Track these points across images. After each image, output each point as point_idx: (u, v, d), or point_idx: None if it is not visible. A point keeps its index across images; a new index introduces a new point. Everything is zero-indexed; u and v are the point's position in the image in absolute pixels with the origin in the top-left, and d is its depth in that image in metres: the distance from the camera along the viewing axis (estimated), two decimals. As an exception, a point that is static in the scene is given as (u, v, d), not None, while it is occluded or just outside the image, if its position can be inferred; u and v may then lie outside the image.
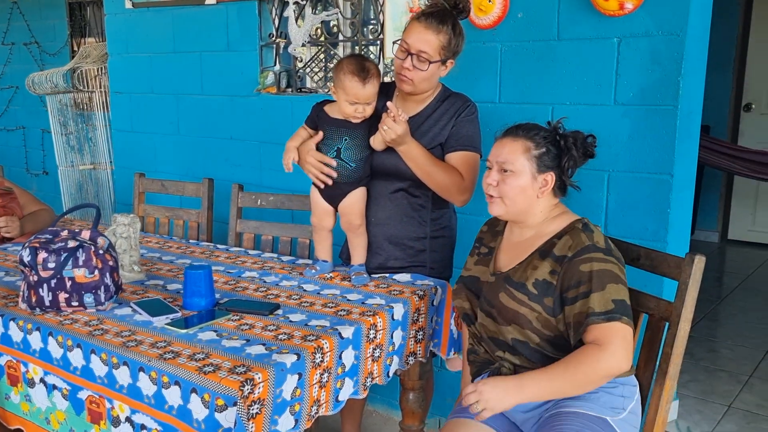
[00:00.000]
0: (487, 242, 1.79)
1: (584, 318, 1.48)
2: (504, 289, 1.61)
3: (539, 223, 1.65)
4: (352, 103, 1.89)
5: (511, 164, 1.61)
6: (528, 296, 1.57)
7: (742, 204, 5.56)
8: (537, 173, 1.61)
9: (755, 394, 2.96)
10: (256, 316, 1.72)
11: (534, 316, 1.56)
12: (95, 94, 4.23)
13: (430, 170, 1.94)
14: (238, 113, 3.17)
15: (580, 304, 1.50)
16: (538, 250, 1.61)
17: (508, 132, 1.66)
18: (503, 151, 1.63)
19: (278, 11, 3.04)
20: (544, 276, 1.57)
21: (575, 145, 1.61)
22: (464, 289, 1.75)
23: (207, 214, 2.78)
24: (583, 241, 1.55)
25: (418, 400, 2.06)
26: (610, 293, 1.49)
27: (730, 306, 4.13)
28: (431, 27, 1.88)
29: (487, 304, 1.65)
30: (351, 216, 2.01)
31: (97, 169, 4.43)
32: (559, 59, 2.25)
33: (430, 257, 2.09)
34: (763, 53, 5.31)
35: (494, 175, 1.64)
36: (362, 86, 1.86)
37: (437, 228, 2.09)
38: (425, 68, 1.90)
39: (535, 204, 1.63)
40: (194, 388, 1.38)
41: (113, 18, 3.63)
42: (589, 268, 1.51)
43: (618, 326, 1.47)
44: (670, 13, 2.02)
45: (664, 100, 2.06)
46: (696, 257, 1.57)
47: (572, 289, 1.52)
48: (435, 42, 1.88)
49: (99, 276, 1.74)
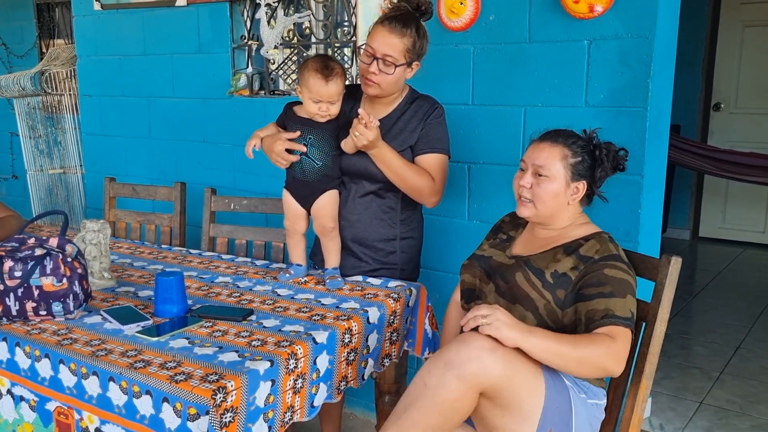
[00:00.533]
0: (507, 230, 1.83)
1: (603, 316, 1.50)
2: (522, 270, 1.64)
3: (563, 228, 1.69)
4: (316, 101, 1.90)
5: (548, 169, 1.63)
6: (543, 283, 1.60)
7: (712, 202, 5.66)
8: (571, 181, 1.64)
9: (726, 390, 3.01)
10: (229, 323, 1.70)
11: (542, 303, 1.58)
12: (64, 96, 4.16)
13: (402, 173, 1.96)
14: (211, 116, 3.14)
15: (599, 302, 1.51)
16: (563, 246, 1.64)
17: (547, 136, 1.69)
18: (541, 155, 1.65)
19: (250, 13, 3.01)
20: (564, 270, 1.59)
21: (607, 156, 1.65)
22: (476, 265, 1.77)
23: (179, 218, 2.75)
24: (610, 249, 1.59)
25: (394, 402, 2.06)
26: (629, 303, 1.53)
27: (702, 303, 4.19)
28: (395, 31, 1.90)
29: (502, 280, 1.67)
30: (324, 219, 2.01)
31: (67, 173, 4.35)
32: (531, 61, 2.26)
33: (400, 258, 2.10)
34: (731, 53, 5.41)
35: (528, 177, 1.67)
36: (325, 84, 1.87)
37: (407, 229, 2.11)
38: (391, 72, 1.92)
39: (563, 210, 1.67)
40: (166, 398, 1.36)
41: (82, 20, 3.57)
42: (613, 273, 1.54)
43: (628, 334, 1.51)
44: (638, 15, 2.04)
45: (634, 101, 2.09)
46: (672, 258, 1.60)
47: (593, 287, 1.54)
48: (400, 45, 1.90)
49: (67, 284, 1.71)
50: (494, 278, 1.70)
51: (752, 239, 5.51)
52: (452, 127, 2.43)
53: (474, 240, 2.45)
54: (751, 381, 3.09)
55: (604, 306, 1.51)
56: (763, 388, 3.02)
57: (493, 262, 1.74)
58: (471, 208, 2.46)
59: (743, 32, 5.34)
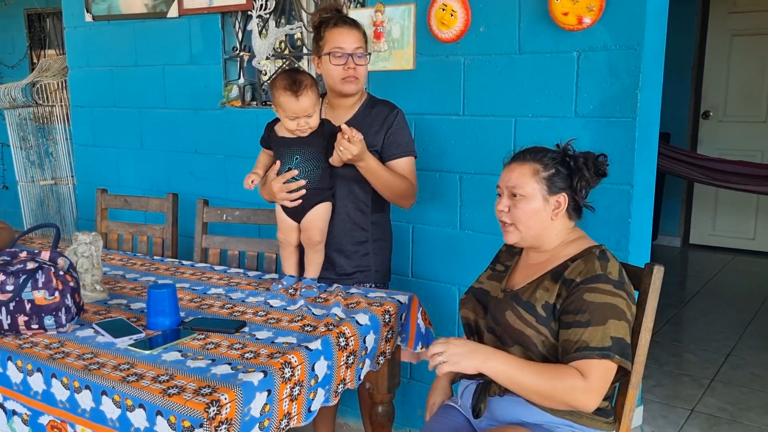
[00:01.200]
0: (504, 260, 1.77)
1: (575, 349, 1.44)
2: (511, 307, 1.57)
3: (555, 247, 1.62)
4: (292, 118, 1.93)
5: (521, 188, 1.58)
6: (536, 318, 1.52)
7: (702, 209, 5.70)
8: (548, 195, 1.58)
9: (717, 398, 3.02)
10: (222, 335, 1.71)
11: (540, 339, 1.51)
12: (56, 107, 4.16)
13: (387, 181, 2.04)
14: (203, 127, 3.15)
15: (574, 332, 1.45)
16: (551, 272, 1.57)
17: (515, 157, 1.65)
18: (512, 176, 1.60)
19: (241, 24, 3.03)
20: (552, 300, 1.52)
21: (586, 165, 1.59)
22: (473, 299, 1.72)
23: (172, 229, 2.74)
24: (595, 269, 1.50)
25: (388, 413, 2.07)
26: (609, 329, 1.44)
27: (693, 310, 4.22)
28: (353, 26, 2.06)
29: (492, 321, 1.61)
30: (311, 231, 2.02)
31: (58, 184, 4.35)
32: (521, 72, 2.28)
33: (373, 261, 2.16)
34: (719, 62, 5.47)
35: (505, 201, 1.62)
36: (296, 100, 1.90)
37: (378, 231, 2.17)
38: (365, 62, 2.06)
39: (549, 227, 1.60)
40: (159, 411, 1.36)
41: (73, 31, 3.57)
42: (593, 298, 1.46)
43: (606, 364, 1.44)
44: (626, 27, 2.06)
45: (623, 112, 2.11)
46: (655, 267, 1.60)
47: (570, 314, 1.47)
48: (360, 36, 2.07)
49: (59, 297, 1.71)
50: (488, 320, 1.64)
51: (742, 246, 5.55)
52: (444, 138, 2.46)
53: (466, 249, 2.47)
54: (741, 388, 3.11)
55: (578, 337, 1.44)
56: (753, 396, 3.04)
57: (489, 297, 1.68)
58: (463, 217, 2.47)
59: (731, 41, 5.40)
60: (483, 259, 2.40)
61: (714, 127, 5.55)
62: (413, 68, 2.48)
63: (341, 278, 2.14)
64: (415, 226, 2.58)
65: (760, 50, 5.29)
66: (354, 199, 2.10)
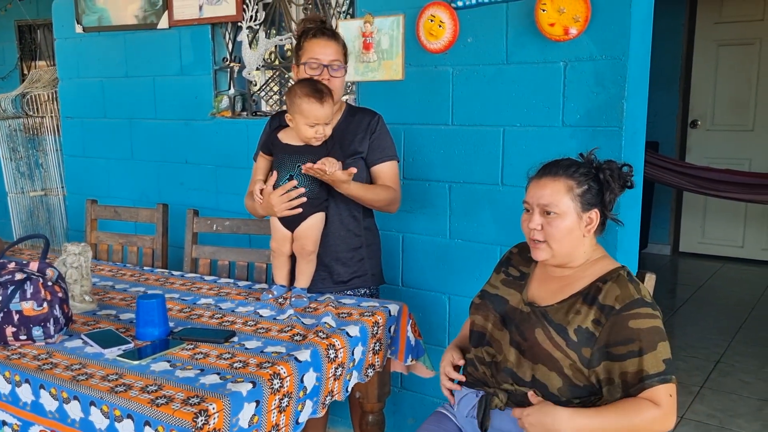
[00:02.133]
0: (517, 264, 1.71)
1: (637, 379, 1.42)
2: (542, 326, 1.52)
3: (579, 265, 1.58)
4: (312, 125, 1.93)
5: (556, 206, 1.53)
6: (566, 342, 1.48)
7: (691, 217, 5.74)
8: (582, 212, 1.54)
9: (706, 405, 3.04)
10: (211, 345, 1.71)
11: (568, 363, 1.48)
12: (46, 118, 4.15)
13: (371, 199, 2.09)
14: (193, 137, 3.16)
15: (632, 363, 1.43)
16: (582, 293, 1.52)
17: (545, 171, 1.58)
18: (545, 193, 1.54)
19: (231, 35, 3.04)
20: (587, 324, 1.48)
21: (613, 177, 1.55)
22: (489, 307, 1.66)
23: (162, 240, 2.74)
24: (631, 294, 1.48)
25: (378, 422, 2.07)
26: (661, 353, 1.43)
27: (683, 317, 4.24)
28: (331, 38, 2.07)
29: (519, 335, 1.56)
30: (305, 240, 2.02)
31: (48, 195, 4.34)
32: (509, 82, 2.30)
33: (369, 265, 2.18)
34: (706, 71, 5.53)
35: (537, 218, 1.56)
36: (321, 106, 1.92)
37: (370, 235, 2.21)
38: (341, 74, 2.07)
39: (580, 245, 1.56)
40: (147, 421, 1.36)
41: (63, 42, 3.58)
42: (639, 325, 1.44)
43: (670, 388, 1.43)
44: (612, 38, 2.09)
45: (609, 121, 2.13)
46: (647, 275, 1.63)
47: (620, 345, 1.44)
48: (339, 49, 2.08)
49: (48, 308, 1.70)
50: (509, 327, 1.59)
51: (731, 254, 5.59)
52: (433, 148, 2.47)
53: (455, 258, 2.48)
54: (731, 395, 3.13)
55: (637, 367, 1.42)
56: (742, 402, 3.05)
57: (508, 308, 1.62)
58: (452, 226, 2.48)
59: (718, 51, 5.46)
60: (473, 268, 2.42)
61: (702, 136, 5.60)
62: (402, 78, 2.50)
63: (338, 286, 2.14)
64: (405, 235, 2.59)
65: (746, 59, 5.36)
66: (347, 207, 2.11)
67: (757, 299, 4.57)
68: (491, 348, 1.62)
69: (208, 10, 2.99)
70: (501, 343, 1.60)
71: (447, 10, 2.35)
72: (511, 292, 1.65)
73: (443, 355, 1.77)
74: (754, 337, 3.88)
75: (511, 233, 2.31)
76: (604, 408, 1.45)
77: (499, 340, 1.60)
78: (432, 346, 2.50)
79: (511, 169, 2.33)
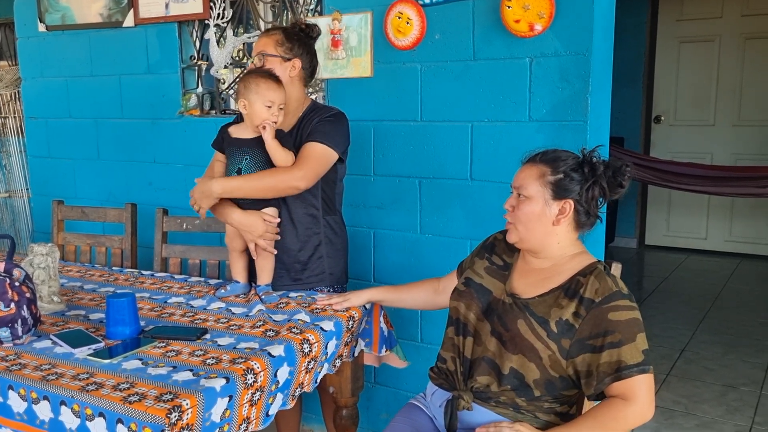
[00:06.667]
0: (500, 253, 1.73)
1: (614, 369, 1.45)
2: (524, 317, 1.54)
3: (558, 257, 1.60)
4: (269, 105, 1.97)
5: (525, 189, 1.57)
6: (548, 333, 1.51)
7: (657, 211, 5.86)
8: (552, 199, 1.55)
9: (672, 392, 3.11)
10: (184, 342, 1.70)
11: (547, 354, 1.51)
12: (9, 119, 4.07)
13: (251, 187, 2.01)
14: (161, 136, 3.13)
15: (609, 354, 1.45)
16: (563, 287, 1.55)
17: (528, 157, 1.64)
18: (520, 176, 1.61)
19: (199, 33, 3.02)
20: (567, 317, 1.50)
21: (605, 173, 1.54)
22: (474, 296, 1.67)
23: (131, 239, 2.72)
24: (610, 287, 1.50)
25: (352, 416, 2.08)
26: (639, 344, 1.46)
27: (649, 308, 4.33)
28: (265, 34, 2.15)
29: (501, 326, 1.58)
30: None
31: (12, 197, 4.25)
32: (476, 78, 2.33)
33: (327, 263, 2.17)
34: (669, 68, 5.65)
35: (511, 199, 1.62)
36: (277, 86, 1.98)
37: (330, 234, 2.17)
38: (265, 62, 2.09)
39: (551, 233, 1.57)
40: (120, 419, 1.35)
41: (26, 41, 3.51)
42: (618, 317, 1.46)
43: (646, 378, 1.45)
44: (576, 34, 2.13)
45: (575, 115, 2.17)
46: (613, 264, 1.66)
47: (599, 337, 1.46)
48: (270, 42, 2.10)
49: (15, 309, 1.68)
50: (491, 318, 1.61)
51: (695, 246, 5.73)
52: (402, 144, 2.49)
53: (426, 253, 2.50)
54: (695, 382, 3.21)
55: (616, 357, 1.44)
56: (706, 389, 3.14)
57: (492, 299, 1.64)
58: (423, 222, 2.51)
59: (679, 48, 5.59)
60: (443, 262, 2.45)
61: (666, 131, 5.73)
62: (371, 75, 2.52)
63: (296, 284, 2.14)
64: (376, 231, 2.61)
65: (707, 56, 5.49)
66: (303, 204, 2.10)
67: (720, 289, 4.70)
68: (471, 338, 1.64)
69: (175, 8, 2.97)
70: (481, 333, 1.62)
71: (414, 7, 2.37)
72: (495, 283, 1.67)
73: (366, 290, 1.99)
74: (717, 326, 3.98)
75: (481, 227, 2.34)
76: (578, 421, 1.50)
77: (480, 332, 1.63)
78: (404, 341, 2.52)
79: (480, 164, 2.36)
